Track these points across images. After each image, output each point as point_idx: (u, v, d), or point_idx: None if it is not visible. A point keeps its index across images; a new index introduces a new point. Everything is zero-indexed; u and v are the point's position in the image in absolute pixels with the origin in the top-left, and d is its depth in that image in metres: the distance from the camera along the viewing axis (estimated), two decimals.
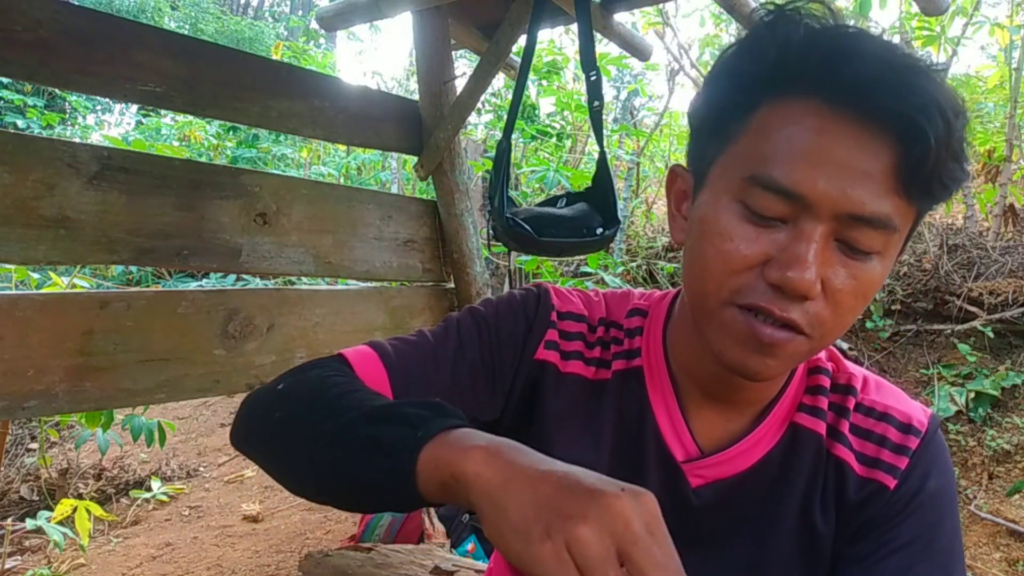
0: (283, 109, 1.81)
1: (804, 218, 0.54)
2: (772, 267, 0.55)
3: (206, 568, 2.63)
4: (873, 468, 0.67)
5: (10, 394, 1.36)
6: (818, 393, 0.70)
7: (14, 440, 3.65)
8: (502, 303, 0.77)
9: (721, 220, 0.57)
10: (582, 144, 5.57)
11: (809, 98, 0.54)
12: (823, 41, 0.54)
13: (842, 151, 0.53)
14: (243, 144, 6.23)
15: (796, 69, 0.55)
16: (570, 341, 0.74)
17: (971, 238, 3.74)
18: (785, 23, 0.56)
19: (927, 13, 1.73)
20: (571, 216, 1.80)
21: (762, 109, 0.56)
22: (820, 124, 0.53)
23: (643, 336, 0.74)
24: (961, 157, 0.54)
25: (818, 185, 0.53)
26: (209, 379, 1.65)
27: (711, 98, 0.61)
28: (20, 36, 1.37)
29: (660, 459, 0.70)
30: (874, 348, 3.35)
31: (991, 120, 4.93)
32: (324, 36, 10.01)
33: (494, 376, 0.73)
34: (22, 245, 1.38)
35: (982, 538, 2.42)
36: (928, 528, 0.65)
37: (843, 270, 0.56)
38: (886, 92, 0.51)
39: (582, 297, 0.78)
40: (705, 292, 0.59)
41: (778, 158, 0.54)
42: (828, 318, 0.56)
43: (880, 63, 0.52)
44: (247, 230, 1.73)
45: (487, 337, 0.73)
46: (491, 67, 2.00)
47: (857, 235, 0.54)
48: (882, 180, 0.53)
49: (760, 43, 0.57)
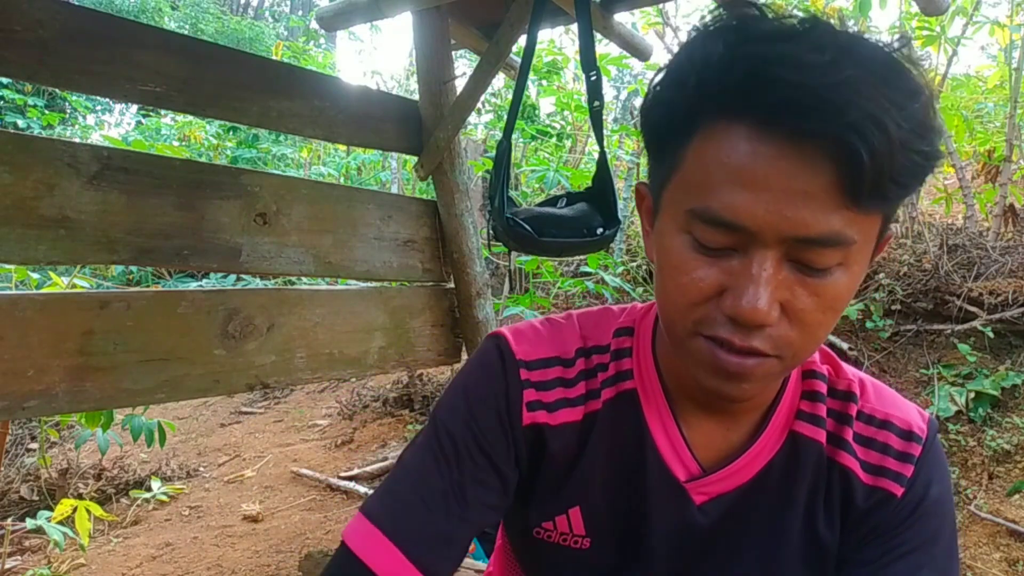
0: (283, 109, 1.81)
1: (752, 246, 0.52)
2: (726, 298, 0.54)
3: (206, 568, 2.63)
4: (879, 476, 0.67)
5: (10, 394, 1.36)
6: (816, 400, 0.70)
7: (14, 440, 3.65)
8: (469, 384, 0.72)
9: (675, 252, 0.56)
10: (582, 144, 5.57)
11: (740, 120, 0.51)
12: (741, 62, 0.50)
13: (778, 174, 0.50)
14: (243, 144, 6.23)
15: (718, 94, 0.52)
16: (549, 391, 0.70)
17: (971, 238, 3.74)
18: (703, 43, 0.53)
19: (927, 13, 1.73)
20: (571, 216, 1.80)
21: (697, 136, 0.54)
22: (752, 148, 0.51)
23: (632, 357, 0.71)
24: (918, 145, 0.49)
25: (758, 214, 0.51)
26: (209, 379, 1.65)
27: (651, 124, 0.59)
28: (20, 36, 1.37)
29: (662, 481, 0.69)
30: (874, 348, 3.35)
31: (991, 120, 4.94)
32: (324, 36, 10.01)
33: (496, 466, 0.70)
34: (22, 245, 1.38)
35: (982, 538, 2.42)
36: (932, 534, 0.67)
37: (802, 290, 0.54)
38: (812, 116, 0.48)
39: (548, 331, 0.73)
40: (672, 322, 0.59)
41: (715, 189, 0.52)
42: (795, 338, 0.55)
43: (802, 87, 0.48)
44: (247, 230, 1.73)
45: (475, 435, 0.69)
46: (491, 67, 2.00)
47: (810, 255, 0.52)
48: (825, 198, 0.50)
49: (680, 70, 0.55)
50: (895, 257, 3.75)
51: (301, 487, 3.37)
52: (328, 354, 1.89)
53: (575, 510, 0.72)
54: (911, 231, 4.17)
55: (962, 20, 4.05)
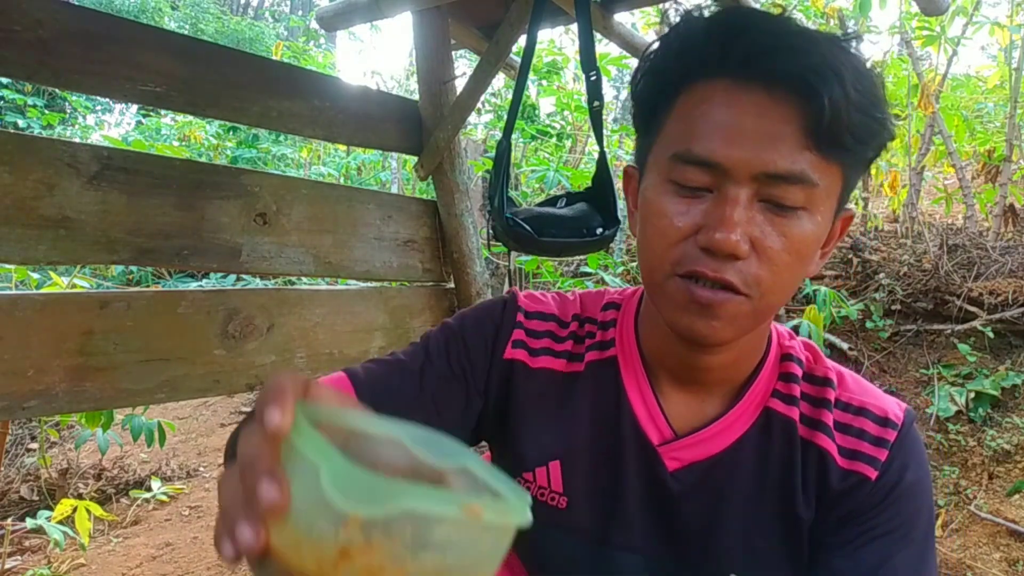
0: (283, 109, 1.81)
1: (726, 184, 0.59)
2: (702, 233, 0.60)
3: (206, 568, 2.63)
4: (854, 460, 0.69)
5: (10, 394, 1.36)
6: (791, 380, 0.73)
7: (14, 440, 3.65)
8: (470, 312, 0.82)
9: (657, 200, 0.63)
10: (582, 144, 5.57)
11: (718, 79, 0.60)
12: (717, 26, 0.61)
13: (751, 119, 0.58)
14: (243, 144, 6.24)
15: (700, 56, 0.61)
16: (538, 339, 0.78)
17: (971, 238, 3.74)
18: (688, 21, 0.63)
19: (927, 13, 1.73)
20: (571, 216, 1.80)
21: (681, 97, 0.63)
22: (729, 99, 0.59)
23: (616, 327, 0.78)
24: (871, 111, 0.58)
25: (733, 152, 0.58)
26: (209, 379, 1.65)
27: (639, 96, 0.68)
28: (20, 36, 1.37)
29: (637, 443, 0.73)
30: (874, 348, 3.35)
31: (991, 120, 4.94)
32: (324, 36, 10.01)
33: (466, 381, 0.77)
34: (22, 245, 1.38)
35: (982, 538, 2.42)
36: (907, 519, 0.68)
37: (771, 228, 0.60)
38: (779, 58, 0.57)
39: (556, 299, 0.82)
40: (651, 268, 0.64)
41: (696, 135, 0.60)
42: (764, 277, 0.60)
43: (771, 35, 0.58)
44: (247, 230, 1.73)
45: (455, 347, 0.78)
46: (491, 67, 2.00)
47: (778, 192, 0.59)
48: (791, 140, 0.58)
49: (668, 41, 0.64)
50: (895, 257, 3.76)
51: None
52: (328, 354, 1.89)
53: (555, 464, 0.75)
54: (911, 231, 4.17)
55: (962, 20, 4.05)
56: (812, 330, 2.60)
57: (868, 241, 4.04)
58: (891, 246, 4.01)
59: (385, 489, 0.33)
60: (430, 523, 0.34)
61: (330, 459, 0.34)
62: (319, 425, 0.37)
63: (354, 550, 0.33)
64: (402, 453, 0.44)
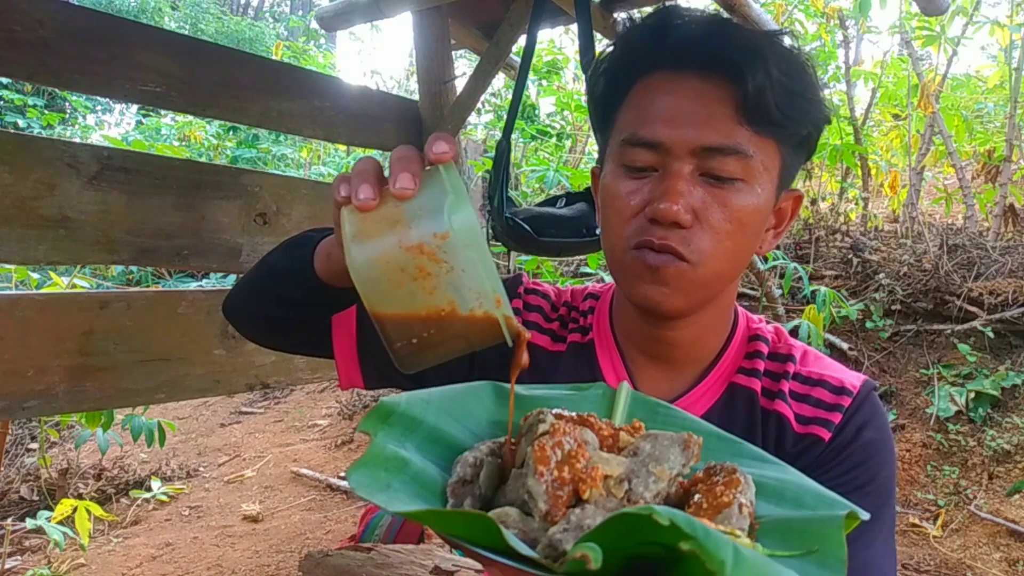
0: (283, 109, 1.81)
1: (669, 161, 0.66)
2: (649, 206, 0.66)
3: (206, 568, 2.63)
4: (809, 425, 0.72)
5: (10, 394, 1.37)
6: (756, 358, 0.77)
7: (14, 440, 3.65)
8: None
9: (613, 184, 0.70)
10: (582, 144, 5.57)
11: (658, 71, 0.68)
12: (653, 25, 0.69)
13: (688, 102, 0.66)
14: (243, 144, 6.24)
15: (639, 52, 0.69)
16: (530, 312, 0.85)
17: (971, 238, 3.74)
18: (631, 26, 0.71)
19: (927, 13, 1.73)
20: (571, 216, 1.80)
21: (630, 93, 0.70)
22: (668, 86, 0.67)
23: (594, 315, 0.84)
24: (799, 90, 0.66)
25: (673, 132, 0.65)
26: (209, 379, 1.65)
27: (596, 98, 0.75)
28: (20, 36, 1.37)
29: None
30: (874, 348, 3.35)
31: (991, 120, 4.94)
32: (324, 36, 10.01)
33: None
34: (22, 245, 1.38)
35: (982, 538, 2.42)
36: (863, 473, 0.70)
37: (711, 199, 0.66)
38: (707, 45, 0.65)
39: (554, 288, 0.90)
40: (612, 246, 0.71)
41: (641, 120, 0.67)
42: (706, 244, 0.66)
43: (700, 26, 0.67)
44: (247, 230, 1.73)
45: None
46: (491, 67, 2.00)
47: (716, 164, 0.65)
48: (725, 117, 0.65)
49: (614, 46, 0.73)
50: (895, 257, 3.75)
51: (301, 487, 3.37)
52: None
53: None
54: (911, 231, 4.17)
55: (962, 20, 4.06)
56: (812, 330, 2.59)
57: (868, 241, 4.03)
58: (891, 246, 4.01)
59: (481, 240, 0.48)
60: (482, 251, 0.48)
61: (459, 193, 0.48)
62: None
63: (428, 249, 0.47)
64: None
